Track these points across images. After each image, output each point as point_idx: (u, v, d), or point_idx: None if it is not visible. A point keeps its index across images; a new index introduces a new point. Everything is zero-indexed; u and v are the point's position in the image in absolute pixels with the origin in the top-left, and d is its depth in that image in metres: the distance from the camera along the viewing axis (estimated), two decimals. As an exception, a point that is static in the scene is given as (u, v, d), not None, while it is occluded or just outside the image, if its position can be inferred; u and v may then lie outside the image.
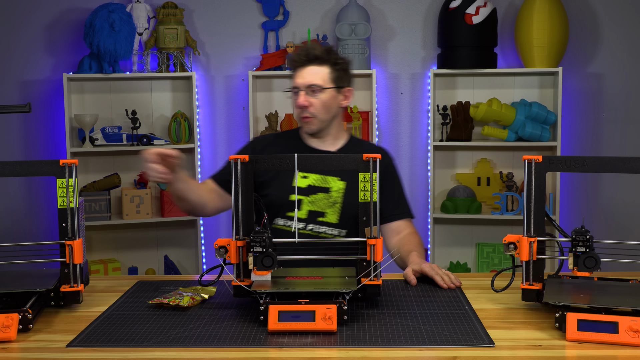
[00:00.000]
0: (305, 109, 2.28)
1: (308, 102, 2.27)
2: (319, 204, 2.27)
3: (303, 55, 2.30)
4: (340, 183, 2.28)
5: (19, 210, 4.06)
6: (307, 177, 2.30)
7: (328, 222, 2.27)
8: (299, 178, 2.29)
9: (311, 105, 2.28)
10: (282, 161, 1.79)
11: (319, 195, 2.28)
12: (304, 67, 2.30)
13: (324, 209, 2.27)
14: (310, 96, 2.28)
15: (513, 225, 4.01)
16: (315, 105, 2.28)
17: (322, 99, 2.28)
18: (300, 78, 2.29)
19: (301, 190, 2.28)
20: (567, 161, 1.72)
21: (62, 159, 1.80)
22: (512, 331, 1.62)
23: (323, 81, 2.27)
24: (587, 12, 4.00)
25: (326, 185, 2.29)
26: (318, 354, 1.50)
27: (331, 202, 2.28)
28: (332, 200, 2.28)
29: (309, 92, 2.28)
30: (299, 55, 2.31)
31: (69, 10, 3.99)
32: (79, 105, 3.95)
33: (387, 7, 4.06)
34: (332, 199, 2.28)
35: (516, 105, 3.85)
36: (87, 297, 1.98)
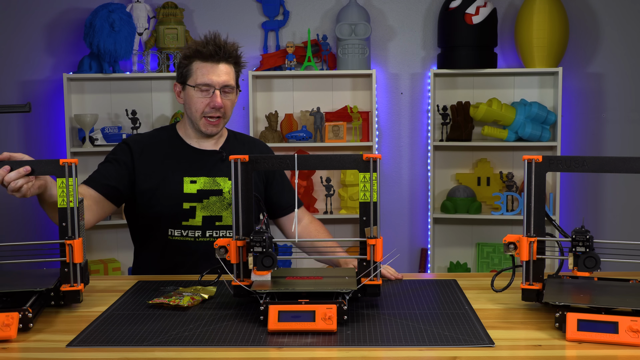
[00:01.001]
0: (219, 109, 2.19)
1: (223, 103, 2.18)
2: (213, 207, 2.20)
3: (219, 50, 2.17)
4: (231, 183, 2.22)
5: (19, 210, 4.06)
6: (196, 181, 2.21)
7: (226, 225, 2.21)
8: (187, 184, 2.20)
9: (224, 106, 2.20)
10: (282, 161, 1.79)
11: (211, 198, 2.20)
12: (217, 63, 2.18)
13: (219, 212, 2.20)
14: (224, 96, 2.20)
15: (513, 225, 4.01)
16: (226, 107, 2.21)
17: (232, 100, 2.23)
18: (216, 75, 2.17)
19: (191, 196, 2.19)
20: (567, 161, 1.72)
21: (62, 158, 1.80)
22: (512, 331, 1.62)
23: (234, 81, 2.22)
24: (587, 12, 4.00)
25: (217, 187, 2.21)
26: (318, 354, 1.50)
27: (225, 204, 2.21)
28: (226, 202, 2.21)
29: (222, 91, 2.19)
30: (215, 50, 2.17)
31: (69, 10, 3.99)
32: (79, 105, 3.95)
33: (387, 7, 4.06)
34: (227, 201, 2.21)
35: (516, 105, 3.85)
36: (87, 297, 1.98)
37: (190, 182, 2.20)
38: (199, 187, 2.20)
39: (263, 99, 4.04)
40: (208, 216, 2.20)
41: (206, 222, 2.20)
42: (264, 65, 3.91)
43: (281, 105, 4.03)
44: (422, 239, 4.15)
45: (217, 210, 2.20)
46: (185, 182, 2.21)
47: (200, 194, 2.19)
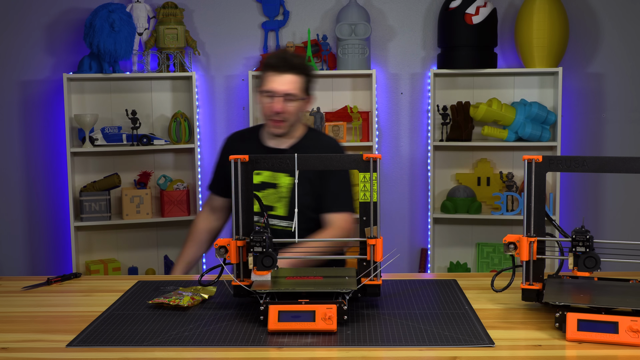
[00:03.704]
0: (280, 114, 2.43)
1: (283, 109, 2.43)
2: (268, 198, 2.45)
3: (283, 64, 2.44)
4: (289, 179, 2.45)
5: (19, 209, 4.06)
6: (261, 173, 2.48)
7: (277, 215, 2.46)
8: (255, 175, 2.45)
9: (285, 112, 2.44)
10: (282, 161, 1.80)
11: (269, 190, 2.46)
12: (282, 73, 2.44)
13: (273, 203, 2.46)
14: (285, 103, 2.43)
15: (513, 225, 4.01)
16: (288, 112, 2.45)
17: (295, 107, 2.46)
18: (279, 84, 2.43)
19: (255, 186, 2.43)
20: (567, 161, 1.72)
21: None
22: (512, 331, 1.62)
23: (298, 91, 2.45)
24: (587, 12, 4.00)
25: (275, 181, 2.47)
26: (318, 354, 1.50)
27: (278, 197, 2.46)
28: (279, 195, 2.46)
29: (284, 99, 2.43)
30: (279, 61, 2.45)
31: (69, 10, 3.99)
32: (79, 105, 3.95)
33: (387, 7, 4.06)
34: (280, 194, 2.46)
35: (516, 105, 3.85)
36: (87, 297, 1.98)
37: (256, 174, 2.46)
38: (261, 180, 2.48)
39: (263, 99, 4.04)
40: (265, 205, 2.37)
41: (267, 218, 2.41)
42: (264, 65, 3.91)
43: (281, 105, 4.03)
44: (422, 239, 4.15)
45: (272, 201, 2.46)
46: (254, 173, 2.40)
47: (262, 185, 2.47)
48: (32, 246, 4.08)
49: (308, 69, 2.50)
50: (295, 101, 2.45)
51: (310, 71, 2.51)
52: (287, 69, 2.44)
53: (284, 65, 2.44)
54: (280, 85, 2.43)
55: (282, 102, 2.43)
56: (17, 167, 4.03)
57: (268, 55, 2.54)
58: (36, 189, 4.05)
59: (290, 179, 2.45)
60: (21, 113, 4.01)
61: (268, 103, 2.46)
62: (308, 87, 2.50)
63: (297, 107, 2.47)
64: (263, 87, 2.48)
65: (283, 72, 2.44)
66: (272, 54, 2.53)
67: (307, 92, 2.51)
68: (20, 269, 4.00)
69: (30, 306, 1.89)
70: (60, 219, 4.05)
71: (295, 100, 2.45)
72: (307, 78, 2.49)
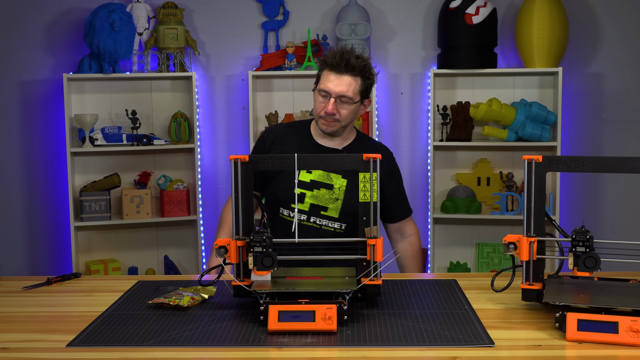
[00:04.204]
0: (331, 115, 2.33)
1: (336, 110, 2.32)
2: (321, 198, 2.36)
3: (342, 63, 2.30)
4: (343, 181, 2.37)
5: (19, 209, 4.06)
6: (312, 172, 2.39)
7: (329, 216, 2.36)
8: (304, 173, 2.38)
9: (338, 114, 2.33)
10: (282, 161, 1.80)
11: (322, 190, 2.37)
12: (339, 74, 2.31)
13: (326, 204, 2.36)
14: (339, 105, 2.32)
15: (513, 225, 4.01)
16: (341, 114, 2.33)
17: (349, 110, 2.34)
18: (334, 85, 2.31)
19: (305, 184, 2.36)
20: (567, 161, 1.72)
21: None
22: (512, 331, 1.62)
23: (354, 93, 2.32)
24: (587, 12, 4.00)
25: (329, 181, 2.37)
26: (318, 354, 1.50)
27: (333, 198, 2.37)
28: (334, 196, 2.37)
29: (338, 100, 2.32)
30: (338, 61, 2.31)
31: (69, 10, 3.99)
32: (79, 105, 3.95)
33: (387, 7, 4.06)
34: (335, 195, 2.37)
35: (516, 105, 3.85)
36: (87, 297, 1.98)
37: (306, 172, 2.39)
38: (312, 178, 2.38)
39: (263, 99, 4.04)
40: (315, 205, 2.36)
41: (313, 209, 2.36)
42: (264, 65, 3.91)
43: (281, 105, 4.03)
44: (422, 239, 4.13)
45: (325, 201, 2.37)
46: (302, 172, 2.39)
47: (312, 184, 2.37)
48: (32, 246, 4.08)
49: (368, 71, 2.35)
50: (349, 104, 2.32)
51: (371, 74, 2.36)
52: (346, 69, 2.30)
53: (343, 65, 2.30)
54: (336, 87, 2.30)
55: (335, 103, 2.31)
56: (17, 167, 4.03)
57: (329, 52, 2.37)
58: (36, 189, 4.05)
59: (344, 181, 2.36)
60: (21, 113, 4.01)
61: (321, 102, 2.34)
62: (366, 90, 2.36)
63: (351, 110, 2.34)
64: (319, 85, 2.36)
65: (341, 72, 2.31)
66: (333, 52, 2.35)
67: (365, 95, 2.37)
68: (20, 269, 4.00)
69: (30, 306, 1.89)
70: (60, 219, 4.05)
71: (350, 103, 2.32)
72: (367, 81, 2.35)
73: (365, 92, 2.37)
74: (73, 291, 2.05)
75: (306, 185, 2.37)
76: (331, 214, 2.36)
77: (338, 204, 2.36)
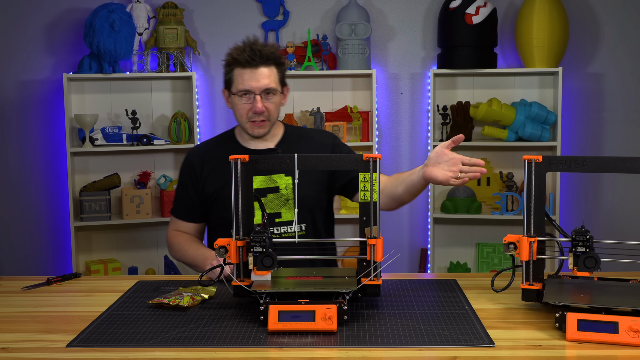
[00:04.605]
0: (261, 113, 2.21)
1: (265, 107, 2.21)
2: (271, 205, 2.24)
3: (255, 55, 2.18)
4: (287, 179, 2.25)
5: (19, 209, 4.06)
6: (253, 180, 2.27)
7: (285, 220, 2.24)
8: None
9: (267, 111, 2.22)
10: (282, 161, 1.79)
11: (269, 196, 2.24)
12: (255, 68, 2.19)
13: (277, 209, 2.24)
14: (265, 100, 2.21)
15: (513, 225, 4.01)
16: (269, 109, 2.23)
17: (275, 102, 2.24)
18: (254, 81, 2.19)
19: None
20: (567, 161, 1.72)
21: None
22: (512, 331, 1.62)
23: (275, 84, 2.22)
24: (587, 12, 4.00)
25: (273, 184, 2.26)
26: (318, 354, 1.50)
27: (283, 200, 2.25)
28: (283, 198, 2.25)
29: (263, 95, 2.21)
30: (249, 55, 2.18)
31: (69, 10, 3.99)
32: (79, 105, 3.95)
33: (387, 7, 4.06)
34: (284, 197, 2.25)
35: (516, 105, 3.85)
36: (87, 297, 1.98)
37: None
38: (256, 186, 2.22)
39: (263, 99, 4.04)
40: (268, 213, 2.21)
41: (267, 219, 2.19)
42: (264, 65, 3.91)
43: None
44: (422, 239, 4.15)
45: (276, 207, 2.24)
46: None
47: (258, 192, 2.21)
48: (32, 246, 4.07)
49: (281, 57, 2.25)
50: (275, 95, 2.22)
51: (283, 59, 2.27)
52: (261, 61, 2.18)
53: (257, 58, 2.18)
54: (257, 82, 2.18)
55: (261, 100, 2.20)
56: (17, 167, 4.03)
57: (234, 50, 2.23)
58: (36, 189, 4.04)
59: (289, 178, 2.25)
60: (21, 113, 4.01)
61: (245, 104, 2.22)
62: (283, 77, 2.26)
63: (277, 102, 2.24)
64: (236, 87, 2.22)
65: (256, 66, 2.18)
66: (239, 48, 2.21)
67: (283, 84, 2.27)
68: (20, 269, 4.00)
69: (30, 306, 1.89)
70: (60, 219, 4.05)
71: (275, 95, 2.22)
72: (282, 67, 2.25)
73: (283, 79, 2.26)
74: (73, 291, 2.05)
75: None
76: (286, 217, 2.24)
77: (290, 205, 2.24)
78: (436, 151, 1.98)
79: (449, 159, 1.94)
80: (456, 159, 1.93)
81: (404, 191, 2.11)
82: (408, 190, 2.10)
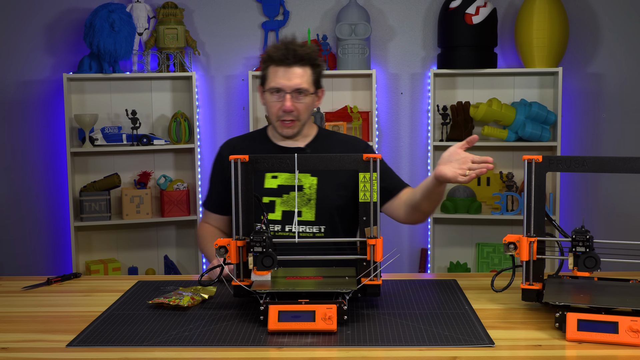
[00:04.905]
0: (290, 112, 2.20)
1: (294, 106, 2.19)
2: (292, 203, 2.21)
3: (289, 54, 2.17)
4: (312, 179, 2.23)
5: (19, 209, 4.06)
6: (277, 176, 2.24)
7: (305, 220, 2.21)
8: (269, 179, 2.24)
9: (296, 110, 2.20)
10: (282, 161, 1.79)
11: (291, 194, 2.22)
12: (289, 67, 2.18)
13: (299, 208, 2.21)
14: (295, 100, 2.19)
15: (513, 225, 4.01)
16: (299, 109, 2.21)
17: (306, 103, 2.22)
18: (286, 79, 2.18)
19: (272, 191, 2.21)
20: (567, 161, 1.72)
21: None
22: (512, 331, 1.62)
23: (308, 84, 2.20)
24: (587, 12, 4.00)
25: (298, 182, 2.22)
26: (318, 354, 1.50)
27: (305, 199, 2.22)
28: (306, 197, 2.22)
29: (294, 95, 2.19)
30: (284, 53, 2.18)
31: (69, 10, 3.99)
32: (79, 105, 3.95)
33: (387, 7, 4.06)
34: (306, 196, 2.22)
35: (516, 105, 3.85)
36: (87, 297, 1.98)
37: (271, 177, 2.24)
38: (279, 182, 2.22)
39: (263, 99, 4.04)
40: (288, 211, 2.20)
41: (286, 216, 2.20)
42: (264, 65, 3.91)
43: (281, 105, 4.03)
44: (422, 239, 4.15)
45: (298, 205, 2.21)
46: (266, 178, 2.24)
47: (281, 189, 2.21)
48: (32, 246, 4.07)
49: (317, 58, 2.22)
50: (306, 96, 2.20)
51: (320, 61, 2.23)
52: (295, 61, 2.17)
53: (291, 57, 2.17)
54: (289, 80, 2.17)
55: (291, 99, 2.18)
56: (17, 167, 4.03)
57: (271, 48, 2.22)
58: (36, 189, 4.04)
59: (314, 179, 2.21)
60: (21, 113, 4.01)
61: (276, 102, 2.20)
62: (318, 79, 2.24)
63: (308, 103, 2.22)
64: (268, 84, 2.21)
65: (290, 64, 2.17)
66: (275, 46, 2.21)
67: (318, 85, 2.25)
68: (20, 269, 4.00)
69: (30, 306, 1.89)
70: (60, 219, 4.05)
71: (307, 95, 2.20)
72: (317, 69, 2.22)
73: (318, 81, 2.24)
74: (73, 291, 2.05)
75: (274, 192, 2.21)
76: (306, 217, 2.20)
77: (312, 205, 2.21)
78: (449, 151, 1.98)
79: (460, 158, 1.95)
80: (467, 158, 1.94)
81: (422, 196, 2.10)
82: (424, 195, 2.08)
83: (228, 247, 1.76)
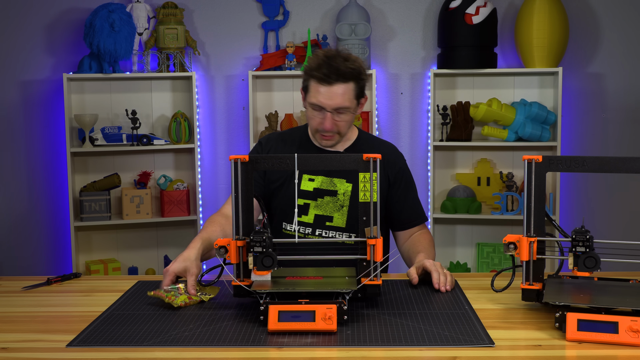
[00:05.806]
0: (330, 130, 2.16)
1: (335, 124, 2.14)
2: (326, 207, 2.20)
3: (332, 73, 2.09)
4: (347, 185, 2.21)
5: (19, 209, 4.06)
6: (314, 179, 2.22)
7: (336, 226, 2.20)
8: (306, 181, 2.22)
9: (336, 127, 2.16)
10: (282, 161, 1.79)
11: (325, 198, 2.20)
12: (331, 85, 2.10)
13: (331, 213, 2.20)
14: (336, 117, 2.14)
15: (513, 225, 4.01)
16: (339, 126, 2.16)
17: (347, 120, 2.16)
18: (326, 99, 2.10)
19: (308, 194, 2.21)
20: (567, 161, 1.72)
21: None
22: (512, 331, 1.62)
23: (350, 101, 2.13)
24: (587, 12, 4.00)
25: (333, 187, 2.21)
26: (318, 354, 1.50)
27: (338, 205, 2.20)
28: (339, 203, 2.20)
29: (335, 113, 2.13)
30: (327, 72, 2.09)
31: (69, 10, 3.99)
32: (79, 105, 3.95)
33: (387, 7, 4.06)
34: (340, 202, 2.20)
35: (516, 105, 3.85)
36: (87, 297, 1.98)
37: (308, 179, 2.22)
38: (315, 186, 2.21)
39: (263, 99, 4.04)
40: (320, 215, 2.20)
41: (317, 220, 2.20)
42: (264, 65, 3.91)
43: (281, 105, 4.03)
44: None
45: (330, 210, 2.20)
46: (304, 179, 2.22)
47: (316, 192, 2.20)
48: (32, 246, 4.07)
49: (360, 72, 2.13)
50: (346, 114, 2.13)
51: (363, 73, 2.15)
52: (336, 78, 2.08)
53: (333, 75, 2.08)
54: (329, 100, 2.10)
55: (332, 118, 2.12)
56: (17, 167, 4.03)
57: (312, 61, 2.12)
58: (36, 189, 4.05)
59: (349, 185, 2.18)
60: (21, 113, 4.01)
61: (316, 116, 2.14)
62: (361, 91, 2.16)
63: (350, 118, 2.16)
64: (309, 98, 2.14)
65: (331, 83, 2.09)
66: (317, 62, 2.10)
67: (360, 96, 2.17)
68: (20, 269, 4.00)
69: (30, 306, 1.89)
70: (60, 219, 4.05)
71: (346, 113, 2.14)
72: (360, 82, 2.14)
73: (361, 92, 2.18)
74: (73, 291, 2.05)
75: (309, 195, 2.20)
76: (337, 223, 2.20)
77: (344, 212, 2.19)
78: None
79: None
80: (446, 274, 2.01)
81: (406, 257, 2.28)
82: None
83: (228, 247, 1.76)
